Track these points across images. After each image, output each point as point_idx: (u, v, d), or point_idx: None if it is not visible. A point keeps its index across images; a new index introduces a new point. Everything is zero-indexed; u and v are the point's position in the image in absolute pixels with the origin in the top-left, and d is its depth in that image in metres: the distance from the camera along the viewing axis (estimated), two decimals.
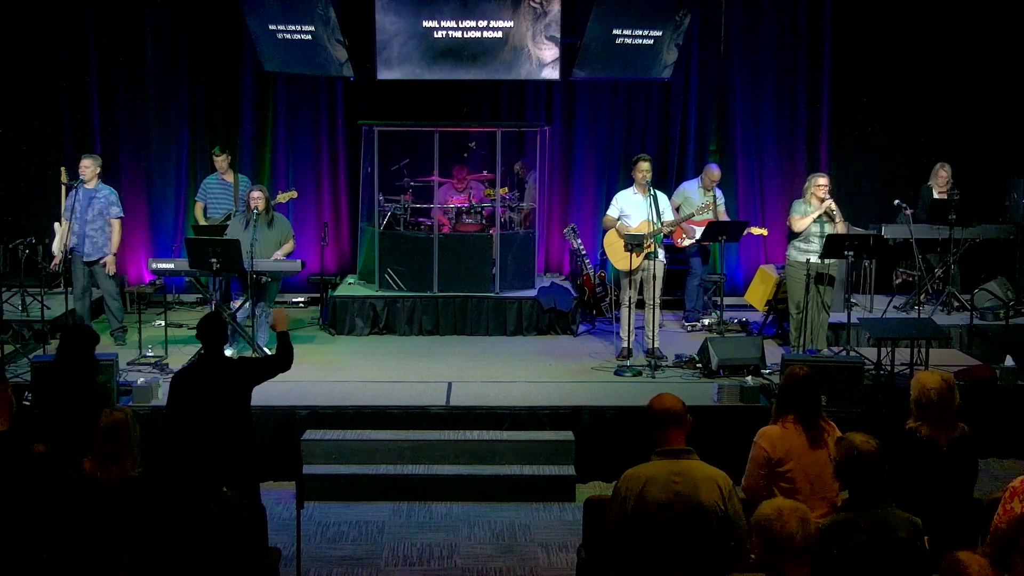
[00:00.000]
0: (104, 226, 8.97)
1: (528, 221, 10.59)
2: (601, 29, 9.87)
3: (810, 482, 4.69)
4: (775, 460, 4.72)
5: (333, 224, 11.44)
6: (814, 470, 4.70)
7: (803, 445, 4.73)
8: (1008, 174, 10.56)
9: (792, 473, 4.68)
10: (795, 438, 4.75)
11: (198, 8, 11.11)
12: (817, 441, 4.74)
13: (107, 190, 9.05)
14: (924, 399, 4.76)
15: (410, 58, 10.29)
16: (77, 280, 9.02)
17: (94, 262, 8.97)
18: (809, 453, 4.72)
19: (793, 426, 4.77)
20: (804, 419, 4.77)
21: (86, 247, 8.91)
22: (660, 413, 4.13)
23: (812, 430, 4.76)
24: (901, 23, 11.15)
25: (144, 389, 7.39)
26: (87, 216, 8.87)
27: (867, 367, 7.91)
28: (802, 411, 4.78)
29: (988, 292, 9.79)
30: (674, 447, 4.09)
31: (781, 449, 4.73)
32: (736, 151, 11.48)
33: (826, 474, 4.63)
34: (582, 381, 8.25)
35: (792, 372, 4.91)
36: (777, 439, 4.76)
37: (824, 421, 4.85)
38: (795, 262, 8.66)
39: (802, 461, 4.71)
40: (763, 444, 4.77)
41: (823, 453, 4.69)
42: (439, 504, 6.88)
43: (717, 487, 4.01)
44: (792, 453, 4.72)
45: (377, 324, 9.84)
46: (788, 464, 4.70)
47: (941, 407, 4.74)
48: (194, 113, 11.29)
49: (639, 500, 3.97)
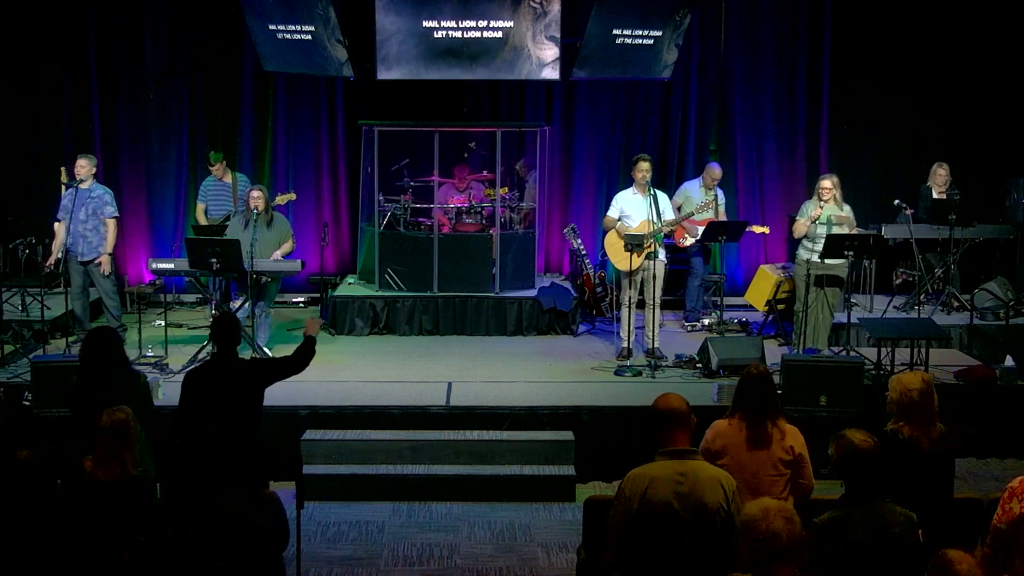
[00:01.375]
0: (99, 226, 8.95)
1: (528, 221, 10.59)
2: (601, 29, 9.87)
3: (745, 480, 4.64)
4: (713, 452, 4.73)
5: (333, 224, 11.44)
6: (750, 469, 4.69)
7: (741, 443, 4.73)
8: (1008, 174, 10.56)
9: (726, 468, 4.65)
10: (736, 435, 4.75)
11: (198, 8, 11.10)
12: (759, 441, 4.72)
13: (101, 189, 9.04)
14: (906, 399, 4.79)
15: (410, 58, 10.28)
16: (74, 280, 9.03)
17: (89, 262, 8.96)
18: (746, 452, 4.71)
19: (737, 423, 4.78)
20: (749, 417, 4.76)
21: (80, 247, 8.91)
22: (665, 413, 4.13)
23: (756, 429, 4.74)
24: (901, 23, 11.14)
25: None
26: (80, 216, 8.85)
27: (867, 367, 7.91)
28: (748, 409, 4.77)
29: (988, 292, 9.79)
30: (678, 447, 4.09)
31: (719, 443, 4.76)
32: (736, 151, 11.48)
33: (764, 475, 4.66)
34: (582, 381, 8.25)
35: (746, 370, 4.91)
36: (719, 433, 4.80)
37: (776, 424, 4.79)
38: (800, 261, 8.70)
39: (738, 458, 4.71)
40: (707, 435, 4.82)
41: (763, 454, 4.69)
42: (439, 504, 6.89)
43: (721, 488, 4.01)
44: (728, 449, 4.73)
45: (377, 324, 9.84)
46: (724, 459, 4.70)
47: (922, 407, 4.77)
48: (194, 113, 11.29)
49: (643, 500, 3.98)
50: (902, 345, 8.31)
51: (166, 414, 7.19)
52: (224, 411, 5.32)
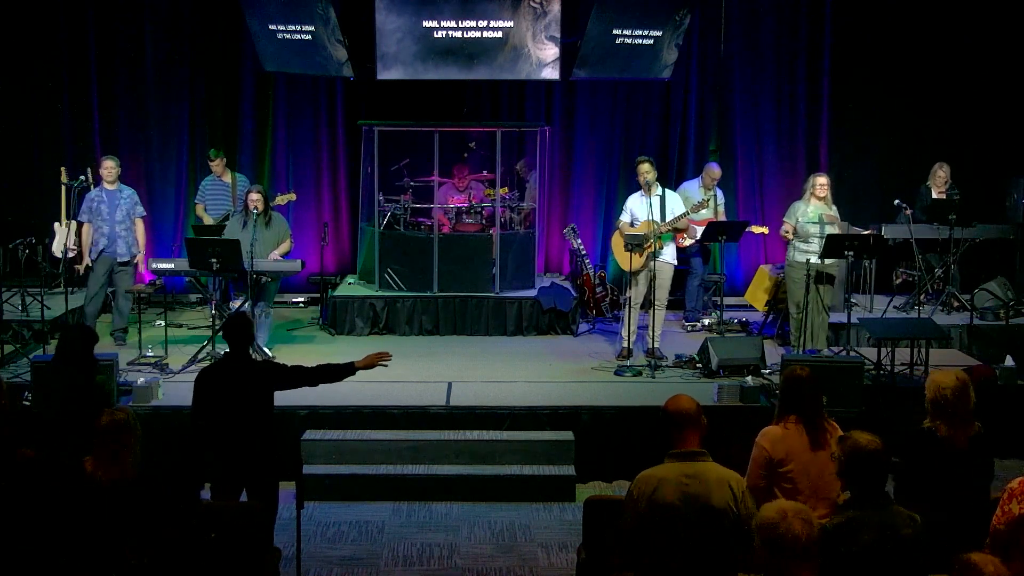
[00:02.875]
0: (131, 226, 9.07)
1: (528, 221, 10.59)
2: (601, 29, 9.87)
3: (811, 483, 4.68)
4: (776, 461, 4.71)
5: (333, 224, 11.44)
6: (815, 470, 4.70)
7: (804, 446, 4.72)
8: (1008, 174, 10.57)
9: (793, 474, 4.68)
10: (796, 439, 4.74)
11: (198, 8, 11.10)
12: (818, 442, 4.73)
13: (129, 190, 9.18)
14: (940, 399, 4.79)
15: (410, 58, 10.28)
16: (97, 280, 9.02)
17: (127, 263, 9.05)
18: (810, 454, 4.71)
19: (794, 427, 4.77)
20: (805, 419, 4.76)
21: (119, 248, 8.98)
22: (674, 415, 4.13)
23: (813, 431, 4.75)
24: (901, 23, 11.14)
25: (144, 389, 7.39)
26: (116, 217, 8.96)
27: (867, 367, 7.91)
28: (803, 411, 4.78)
29: (988, 292, 9.79)
30: (688, 449, 4.09)
31: (782, 450, 4.72)
32: (736, 151, 11.48)
33: (827, 474, 4.61)
34: (582, 381, 8.25)
35: (793, 372, 4.91)
36: (778, 440, 4.76)
37: (826, 421, 4.84)
38: (795, 262, 8.67)
39: (803, 462, 4.71)
40: (764, 444, 4.76)
41: (824, 454, 4.68)
42: (439, 504, 6.88)
43: (729, 488, 4.01)
44: (793, 454, 4.71)
45: (377, 324, 9.84)
46: (789, 465, 4.69)
47: (957, 406, 4.77)
48: (194, 113, 11.29)
49: (651, 502, 3.98)
50: (902, 345, 8.30)
51: (165, 414, 7.24)
52: (234, 410, 5.32)
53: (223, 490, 5.36)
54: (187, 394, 5.60)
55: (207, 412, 5.36)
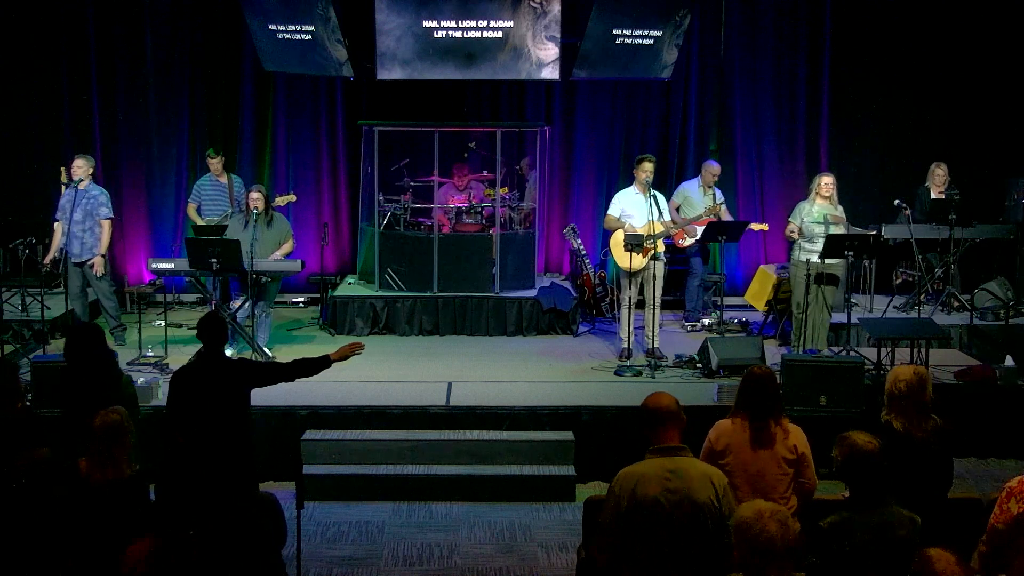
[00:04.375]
0: (94, 227, 8.91)
1: (528, 221, 10.59)
2: (601, 29, 9.87)
3: (749, 480, 4.69)
4: (716, 452, 4.77)
5: (333, 224, 11.44)
6: (753, 468, 4.72)
7: (744, 442, 4.75)
8: (1008, 174, 10.57)
9: (730, 468, 4.68)
10: (739, 434, 4.77)
11: (198, 8, 11.10)
12: (763, 441, 4.74)
13: (97, 190, 9.01)
14: (896, 391, 4.85)
15: (410, 58, 10.28)
16: (72, 281, 9.02)
17: (83, 263, 8.95)
18: (749, 451, 4.73)
19: (741, 422, 4.80)
20: (752, 417, 4.78)
21: (74, 248, 8.89)
22: (654, 411, 4.17)
23: (759, 429, 4.76)
24: (901, 23, 11.14)
25: (144, 389, 7.38)
26: (75, 216, 8.82)
27: (867, 367, 7.91)
28: (752, 409, 4.79)
29: (988, 292, 9.79)
30: (668, 444, 4.10)
31: (723, 443, 4.78)
32: (736, 151, 11.48)
33: (769, 475, 4.68)
34: (582, 381, 8.25)
35: (749, 371, 4.93)
36: (723, 433, 4.82)
37: (779, 424, 4.82)
38: (797, 262, 8.68)
39: (741, 458, 4.73)
40: (710, 435, 4.85)
41: (767, 453, 4.71)
42: (439, 504, 6.89)
43: (711, 484, 4.03)
44: (732, 448, 4.75)
45: (377, 324, 9.84)
46: (727, 458, 4.73)
47: (911, 399, 4.79)
48: (194, 113, 11.29)
49: (632, 498, 3.99)
50: (902, 345, 8.31)
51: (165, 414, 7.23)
52: (210, 411, 5.27)
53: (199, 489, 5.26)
54: None
55: (181, 413, 5.32)
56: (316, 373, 5.64)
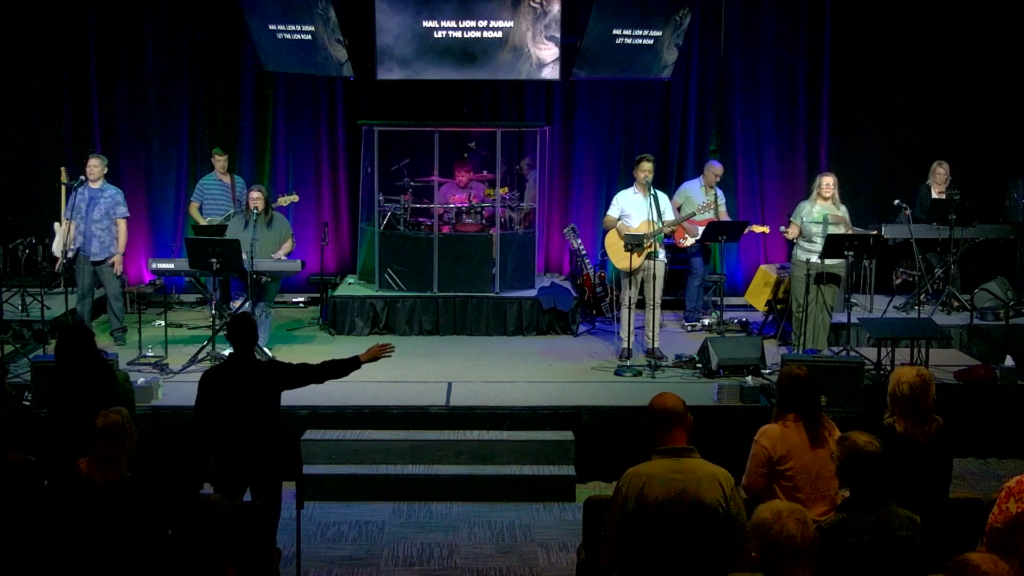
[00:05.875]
0: (111, 226, 8.96)
1: (528, 221, 10.59)
2: (601, 29, 9.87)
3: (811, 481, 4.69)
4: (776, 458, 4.72)
5: (333, 224, 11.44)
6: (814, 468, 4.71)
7: (803, 444, 4.73)
8: (1008, 174, 10.57)
9: (792, 471, 4.69)
10: (795, 437, 4.75)
11: (198, 8, 11.11)
12: (817, 440, 4.74)
13: (113, 190, 9.06)
14: (898, 392, 4.82)
15: (410, 58, 10.29)
16: (82, 280, 9.01)
17: (101, 262, 8.97)
18: (809, 452, 4.72)
19: (794, 425, 4.78)
20: (804, 418, 4.78)
21: (93, 247, 8.91)
22: (661, 412, 4.15)
23: (812, 429, 4.76)
24: (901, 23, 11.14)
25: (144, 389, 7.38)
26: (93, 216, 8.86)
27: (867, 367, 7.91)
28: (802, 410, 4.79)
29: (988, 292, 9.79)
30: (675, 446, 4.09)
31: (782, 448, 4.73)
32: (736, 151, 11.48)
33: (826, 473, 4.63)
34: (582, 381, 8.25)
35: (790, 371, 4.91)
36: (778, 437, 4.76)
37: (824, 420, 4.86)
38: (797, 261, 8.69)
39: (803, 460, 4.72)
40: (764, 442, 4.77)
41: (823, 452, 4.69)
42: (439, 504, 6.89)
43: (719, 485, 4.01)
44: (793, 452, 4.72)
45: (377, 324, 9.84)
46: (789, 463, 4.70)
47: (915, 401, 4.78)
48: (194, 113, 11.29)
49: (639, 499, 3.98)
50: (902, 345, 8.31)
51: (166, 414, 7.24)
52: (239, 411, 5.31)
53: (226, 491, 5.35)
54: (187, 394, 5.59)
55: (213, 414, 5.34)
56: (346, 374, 5.67)
